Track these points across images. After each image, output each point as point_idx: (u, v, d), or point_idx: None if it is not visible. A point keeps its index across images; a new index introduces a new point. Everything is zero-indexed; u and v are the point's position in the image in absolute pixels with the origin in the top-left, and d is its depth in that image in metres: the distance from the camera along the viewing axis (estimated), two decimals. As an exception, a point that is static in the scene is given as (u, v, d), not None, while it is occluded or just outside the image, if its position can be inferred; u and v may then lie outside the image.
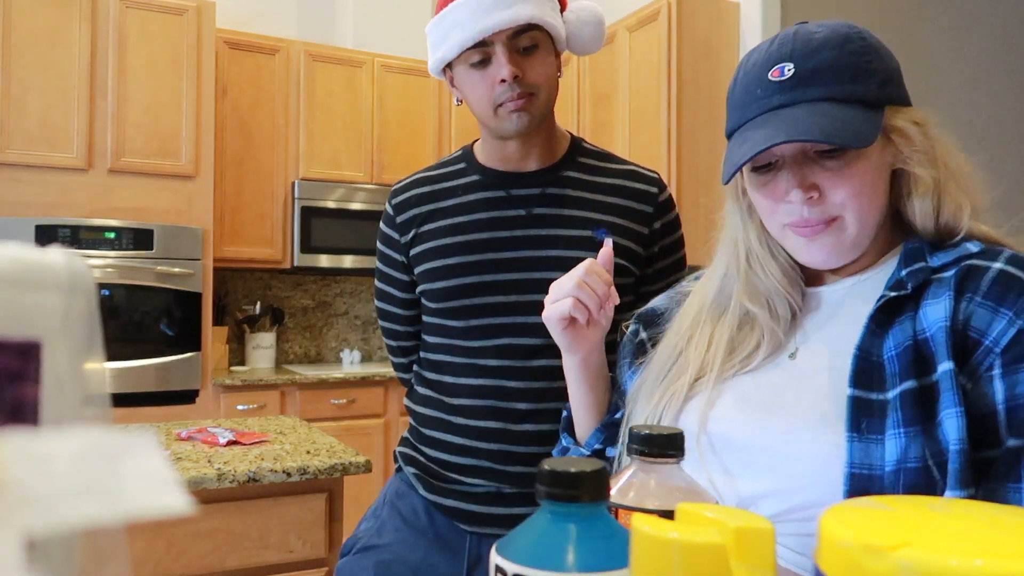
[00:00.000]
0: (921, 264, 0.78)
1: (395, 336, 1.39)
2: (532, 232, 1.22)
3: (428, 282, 1.25)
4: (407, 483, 1.30)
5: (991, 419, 0.70)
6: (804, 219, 0.79)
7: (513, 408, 1.20)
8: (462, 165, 1.30)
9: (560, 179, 1.25)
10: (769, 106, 0.79)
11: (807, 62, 0.78)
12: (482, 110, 1.19)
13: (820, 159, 0.79)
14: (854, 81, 0.77)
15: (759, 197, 0.84)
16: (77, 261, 0.32)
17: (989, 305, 0.72)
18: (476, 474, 1.22)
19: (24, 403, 0.29)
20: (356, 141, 3.97)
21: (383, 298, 1.38)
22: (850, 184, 0.78)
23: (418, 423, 1.31)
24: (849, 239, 0.80)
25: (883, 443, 0.70)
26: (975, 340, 0.72)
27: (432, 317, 1.28)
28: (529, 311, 1.18)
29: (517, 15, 1.13)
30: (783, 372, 0.83)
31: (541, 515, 0.44)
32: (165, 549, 1.55)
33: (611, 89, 3.57)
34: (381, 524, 1.28)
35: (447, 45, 1.18)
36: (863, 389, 0.73)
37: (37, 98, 3.16)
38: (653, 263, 1.27)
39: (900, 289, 0.76)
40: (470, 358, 1.23)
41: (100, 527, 0.25)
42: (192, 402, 3.36)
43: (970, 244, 0.78)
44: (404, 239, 1.29)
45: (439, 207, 1.27)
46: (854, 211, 0.78)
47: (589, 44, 1.26)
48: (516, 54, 1.16)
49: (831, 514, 0.36)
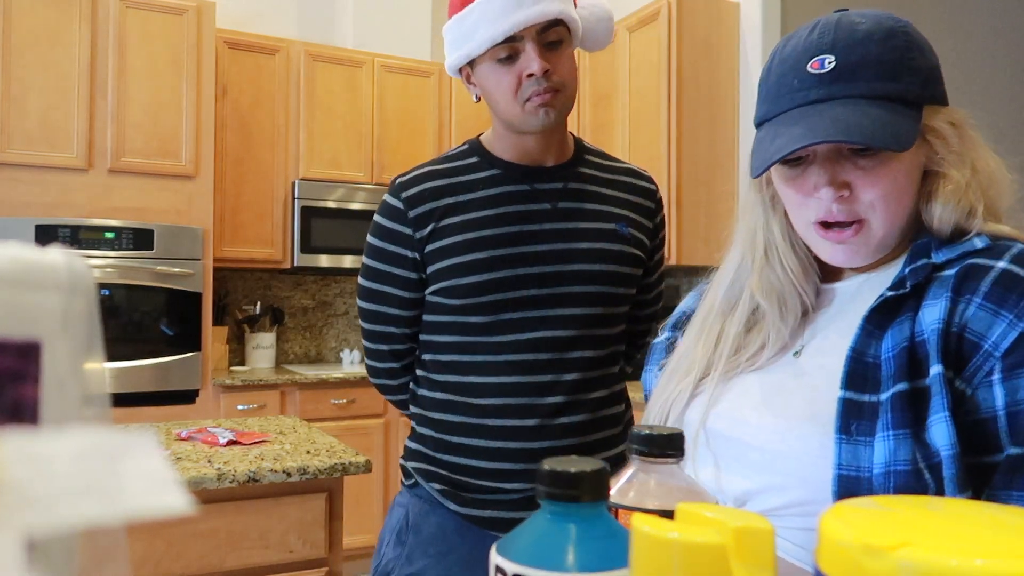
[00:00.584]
0: (924, 261, 0.76)
1: (387, 339, 1.30)
2: (559, 226, 1.23)
3: (450, 278, 1.20)
4: (429, 500, 1.24)
5: (991, 424, 0.69)
6: (832, 214, 0.78)
7: (548, 403, 1.19)
8: (475, 159, 1.27)
9: (578, 175, 1.28)
10: (806, 99, 0.77)
11: (849, 56, 0.75)
12: (507, 105, 1.19)
13: (853, 157, 0.77)
14: (896, 79, 0.75)
15: (787, 191, 0.82)
16: (77, 261, 0.32)
17: (989, 307, 0.70)
18: (511, 478, 1.18)
19: (24, 403, 0.29)
20: (356, 141, 3.97)
21: (377, 299, 1.29)
22: (881, 185, 0.76)
23: (437, 430, 1.24)
24: (874, 242, 0.79)
25: (872, 445, 0.70)
26: (973, 343, 0.70)
27: (447, 315, 1.22)
28: (562, 303, 1.20)
29: (546, 10, 1.14)
30: (787, 370, 0.83)
31: (541, 515, 0.44)
32: (165, 549, 1.55)
33: (611, 89, 3.57)
34: (410, 551, 1.23)
35: (475, 41, 1.17)
36: (855, 391, 0.73)
37: (37, 98, 3.16)
38: (654, 256, 1.34)
39: (900, 288, 0.75)
40: (497, 355, 1.19)
41: (100, 527, 0.25)
42: (192, 402, 3.36)
43: (977, 240, 0.76)
44: (419, 234, 1.23)
45: (461, 200, 1.23)
46: (882, 213, 0.77)
47: (601, 40, 1.28)
48: (544, 49, 1.17)
49: (831, 514, 0.36)
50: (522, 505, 1.18)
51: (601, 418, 1.23)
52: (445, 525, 1.22)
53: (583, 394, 1.20)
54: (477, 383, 1.21)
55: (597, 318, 1.23)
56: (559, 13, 1.15)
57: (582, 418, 1.20)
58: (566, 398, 1.19)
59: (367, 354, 1.36)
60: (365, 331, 1.34)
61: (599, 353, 1.23)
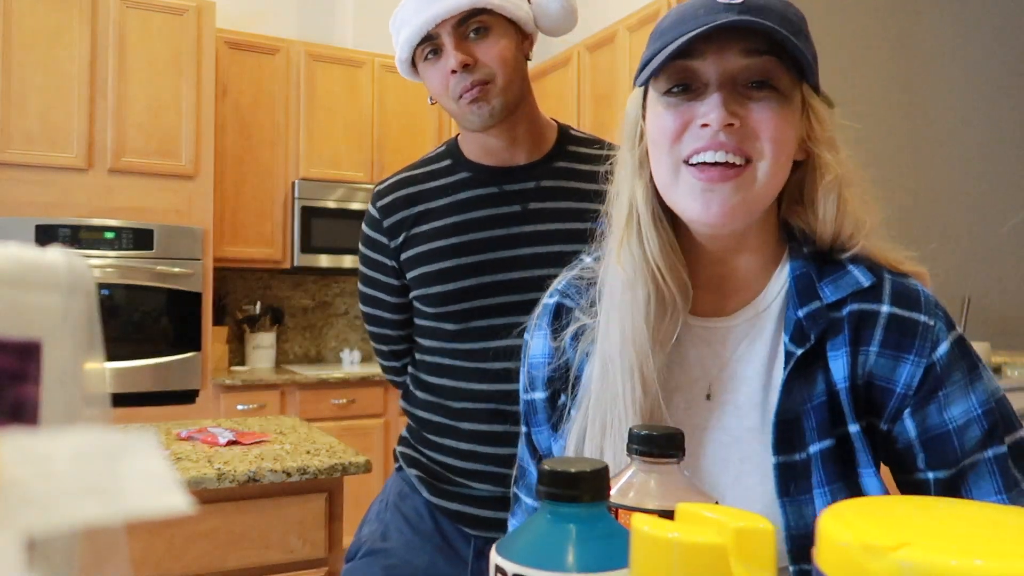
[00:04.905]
0: (816, 305, 0.75)
1: (386, 340, 1.33)
2: (529, 228, 1.18)
3: (423, 287, 1.21)
4: (409, 484, 1.28)
5: (911, 451, 0.74)
6: (716, 143, 0.69)
7: (515, 411, 1.19)
8: (448, 162, 1.25)
9: (553, 171, 1.21)
10: (715, 21, 0.68)
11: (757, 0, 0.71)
12: (447, 105, 1.17)
13: (750, 91, 0.71)
14: (797, 36, 0.70)
15: (664, 120, 0.73)
16: (77, 261, 0.32)
17: (888, 354, 0.73)
18: (481, 479, 1.20)
19: (24, 403, 0.29)
20: (356, 141, 3.97)
21: (371, 303, 1.32)
22: (775, 124, 0.70)
23: (420, 427, 1.28)
24: (754, 197, 0.71)
25: (812, 502, 0.72)
26: (884, 388, 0.74)
27: (427, 320, 1.24)
28: (530, 310, 1.17)
29: (458, 2, 1.09)
30: (704, 415, 0.79)
31: (541, 515, 0.44)
32: (165, 549, 1.55)
33: (611, 89, 3.57)
34: (385, 527, 1.27)
35: (399, 45, 1.16)
36: (786, 454, 0.74)
37: (37, 98, 3.16)
38: None
39: (804, 342, 0.74)
40: (468, 361, 1.20)
41: (100, 527, 0.25)
42: (192, 402, 3.36)
43: (857, 272, 0.75)
44: (393, 243, 1.23)
45: (429, 208, 1.22)
46: (769, 157, 0.70)
47: (559, 22, 1.20)
48: (464, 41, 1.12)
49: (831, 514, 0.36)
50: (489, 504, 1.19)
51: None
52: (420, 510, 1.26)
53: None
54: (451, 387, 1.22)
55: None
56: (473, 3, 1.09)
57: None
58: None
59: (375, 351, 1.40)
60: (368, 332, 1.37)
61: None
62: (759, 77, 0.71)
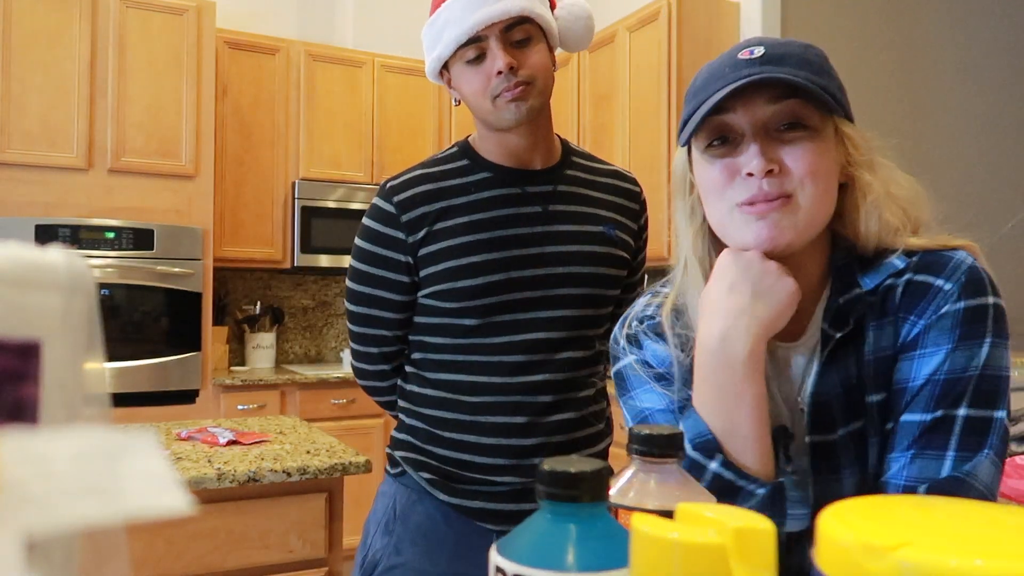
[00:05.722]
0: (856, 292, 0.80)
1: (379, 342, 1.29)
2: (551, 228, 1.24)
3: (444, 282, 1.20)
4: (416, 490, 1.26)
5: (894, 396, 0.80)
6: (763, 192, 0.76)
7: (539, 401, 1.21)
8: (465, 162, 1.27)
9: (567, 177, 1.29)
10: (738, 77, 0.76)
11: (776, 49, 0.78)
12: (480, 104, 1.20)
13: (782, 134, 0.77)
14: (819, 74, 0.77)
15: (712, 173, 0.80)
16: (77, 261, 0.32)
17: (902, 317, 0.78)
18: (502, 472, 1.20)
19: (24, 403, 0.29)
20: (356, 141, 3.97)
21: (368, 303, 1.27)
22: (810, 160, 0.76)
23: (429, 425, 1.25)
24: (800, 220, 0.77)
25: (840, 481, 0.78)
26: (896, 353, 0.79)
27: (440, 317, 1.23)
28: (553, 305, 1.22)
29: (508, 8, 1.14)
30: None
31: (541, 515, 0.44)
32: (165, 549, 1.55)
33: (611, 89, 3.57)
34: (397, 540, 1.24)
35: (442, 44, 1.19)
36: (820, 433, 0.79)
37: (37, 98, 3.16)
38: (637, 256, 1.37)
39: (843, 327, 0.79)
40: (490, 355, 1.21)
41: (100, 527, 0.25)
42: (192, 402, 3.36)
43: (895, 259, 0.80)
44: (412, 238, 1.22)
45: (452, 204, 1.23)
46: (810, 189, 0.76)
47: (581, 40, 1.28)
48: (510, 46, 1.17)
49: (831, 514, 0.36)
50: (511, 497, 1.21)
51: (588, 415, 1.27)
52: (433, 515, 1.24)
53: (572, 393, 1.23)
54: (470, 381, 1.22)
55: (585, 319, 1.25)
56: (522, 11, 1.15)
57: (570, 415, 1.23)
58: (556, 397, 1.22)
59: (355, 356, 1.35)
60: (355, 334, 1.32)
61: (586, 353, 1.26)
62: (789, 120, 0.77)
